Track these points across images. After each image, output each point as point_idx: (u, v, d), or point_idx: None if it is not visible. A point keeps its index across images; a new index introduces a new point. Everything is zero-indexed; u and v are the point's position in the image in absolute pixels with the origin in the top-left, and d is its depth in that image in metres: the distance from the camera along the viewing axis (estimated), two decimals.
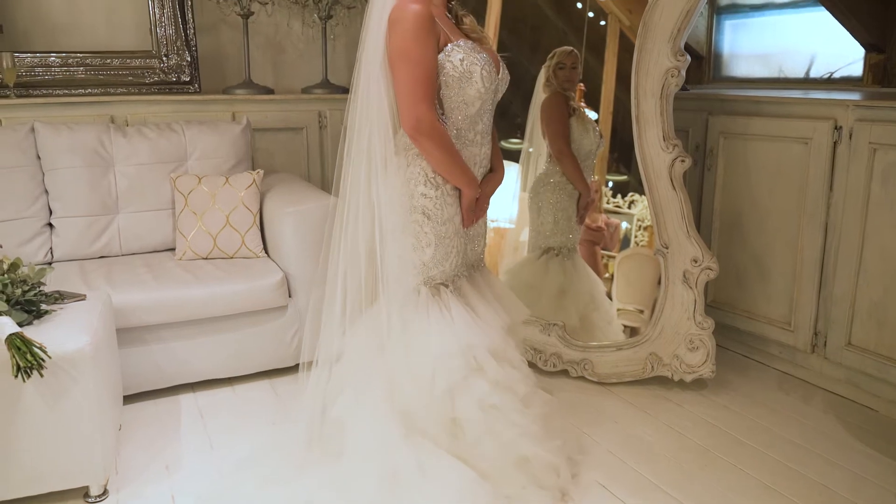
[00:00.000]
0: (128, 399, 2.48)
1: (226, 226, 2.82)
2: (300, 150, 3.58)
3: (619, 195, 3.10)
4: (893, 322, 2.46)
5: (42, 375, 1.78)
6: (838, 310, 2.62)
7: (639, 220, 3.05)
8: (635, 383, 2.70)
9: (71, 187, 2.81)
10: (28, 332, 1.84)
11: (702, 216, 3.07)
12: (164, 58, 3.29)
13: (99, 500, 1.97)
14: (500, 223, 3.24)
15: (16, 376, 1.75)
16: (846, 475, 2.14)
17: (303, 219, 2.69)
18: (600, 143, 3.00)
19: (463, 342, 1.89)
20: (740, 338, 3.03)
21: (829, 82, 3.30)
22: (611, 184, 3.14)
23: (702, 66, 3.79)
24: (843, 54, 3.23)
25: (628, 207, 3.08)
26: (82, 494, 1.97)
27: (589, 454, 2.23)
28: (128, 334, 2.45)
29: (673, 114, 2.56)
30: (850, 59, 3.21)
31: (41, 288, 2.05)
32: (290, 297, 2.72)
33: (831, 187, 2.61)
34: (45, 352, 1.78)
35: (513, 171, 3.14)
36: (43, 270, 2.06)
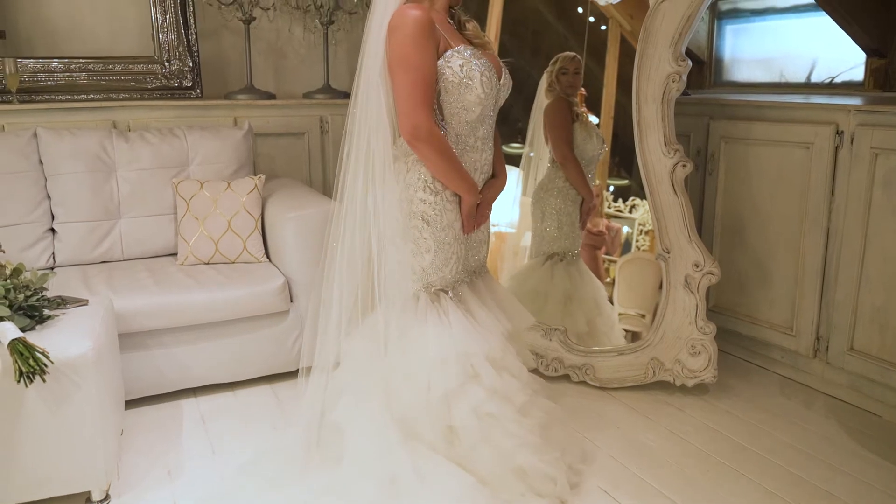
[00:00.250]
0: (129, 404, 2.48)
1: (227, 231, 2.83)
2: (302, 155, 3.58)
3: (621, 199, 3.11)
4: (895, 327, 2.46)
5: (44, 381, 1.78)
6: (840, 315, 2.62)
7: (640, 224, 3.05)
8: (637, 388, 2.70)
9: (73, 192, 2.82)
10: (30, 337, 1.85)
11: (703, 221, 3.07)
12: (167, 63, 3.30)
13: None
14: (500, 228, 3.24)
15: (18, 381, 1.75)
16: (849, 480, 2.13)
17: (304, 224, 2.69)
18: (603, 148, 3.00)
19: (460, 349, 1.89)
20: (742, 342, 3.03)
21: (831, 87, 3.30)
22: (612, 188, 3.14)
23: (703, 70, 3.79)
24: (845, 59, 3.23)
25: (629, 212, 3.08)
26: (84, 499, 1.97)
27: (591, 460, 2.22)
28: (129, 339, 2.45)
29: (674, 119, 2.56)
30: (852, 64, 3.21)
31: (43, 293, 2.05)
32: (291, 301, 2.72)
33: (833, 192, 2.61)
34: (47, 357, 1.78)
35: (514, 175, 3.14)
36: (45, 276, 2.06)
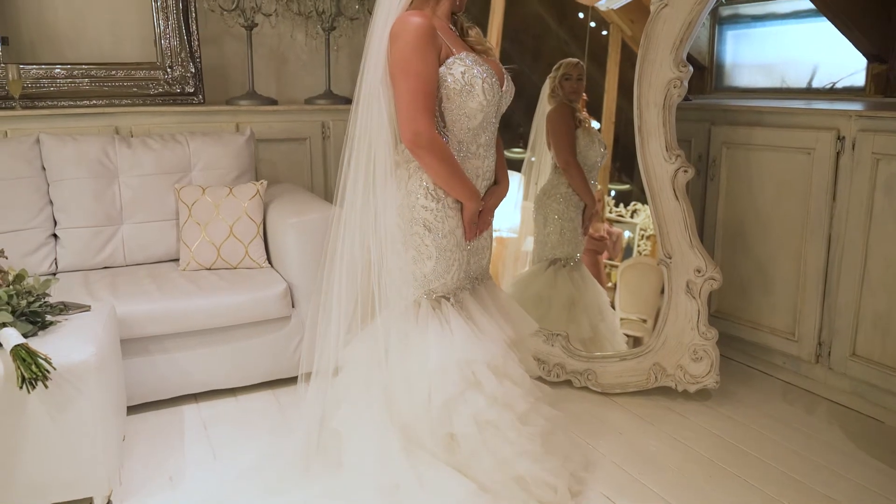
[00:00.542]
0: (131, 410, 2.48)
1: (229, 236, 2.83)
2: (303, 160, 3.59)
3: (622, 204, 3.11)
4: None
5: (46, 387, 1.78)
6: (842, 320, 2.62)
7: (641, 229, 3.05)
8: (639, 394, 2.70)
9: (75, 198, 2.82)
10: (33, 343, 1.85)
11: (705, 226, 3.07)
12: (169, 69, 3.31)
13: None
14: (502, 232, 3.24)
15: (21, 387, 1.75)
16: (851, 486, 2.13)
17: (306, 229, 2.69)
18: (605, 153, 3.00)
19: (461, 356, 1.88)
20: (744, 348, 3.02)
21: (832, 92, 3.31)
22: (613, 193, 3.14)
23: (704, 76, 3.80)
24: (846, 64, 3.23)
25: (631, 216, 3.09)
26: None
27: (593, 466, 2.22)
28: (131, 345, 2.45)
29: (675, 124, 2.57)
30: (853, 69, 3.22)
31: (46, 299, 2.06)
32: (293, 307, 2.72)
33: (834, 197, 2.61)
34: (49, 363, 1.79)
35: (515, 180, 3.14)
36: (48, 282, 2.07)
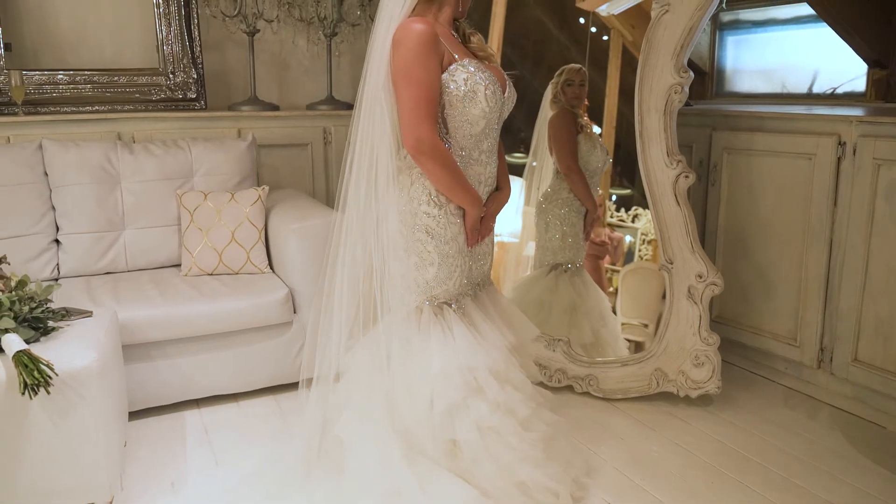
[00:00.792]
0: (133, 415, 2.49)
1: (231, 242, 2.83)
2: (305, 166, 3.60)
3: (623, 209, 3.11)
4: None
5: (49, 392, 1.78)
6: (844, 325, 2.62)
7: (642, 234, 3.05)
8: (641, 399, 2.69)
9: (78, 204, 2.83)
10: (35, 349, 1.85)
11: (706, 232, 3.07)
12: (171, 75, 3.32)
13: None
14: (503, 237, 3.24)
15: (23, 393, 1.76)
16: (853, 492, 2.12)
17: (308, 235, 2.70)
18: (607, 159, 3.00)
19: (463, 362, 1.88)
20: (746, 353, 3.02)
21: (833, 98, 3.31)
22: (614, 198, 3.15)
23: (705, 81, 3.81)
24: (846, 70, 3.24)
25: (632, 221, 3.09)
26: None
27: (595, 472, 2.22)
28: (133, 350, 2.46)
29: (676, 129, 2.57)
30: (853, 75, 3.22)
31: (48, 305, 2.06)
32: (294, 312, 2.73)
33: (835, 203, 2.61)
34: (51, 369, 1.79)
35: (517, 185, 3.15)
36: (50, 287, 2.07)
